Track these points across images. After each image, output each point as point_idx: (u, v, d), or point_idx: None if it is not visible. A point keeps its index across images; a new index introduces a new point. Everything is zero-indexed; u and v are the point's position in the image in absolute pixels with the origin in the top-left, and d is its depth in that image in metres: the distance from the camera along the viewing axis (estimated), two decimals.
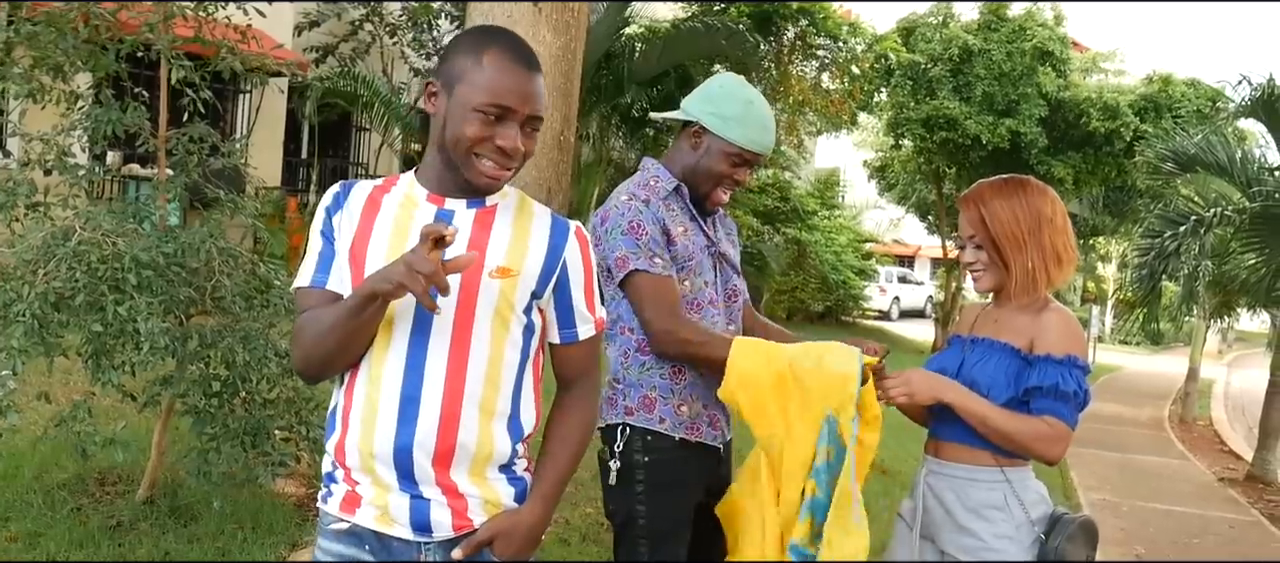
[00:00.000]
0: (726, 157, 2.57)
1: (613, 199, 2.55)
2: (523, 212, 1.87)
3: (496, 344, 1.78)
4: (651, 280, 2.45)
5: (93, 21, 4.08)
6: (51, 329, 3.33)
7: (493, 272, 1.77)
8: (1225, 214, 8.80)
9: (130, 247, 3.49)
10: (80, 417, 3.53)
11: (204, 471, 3.74)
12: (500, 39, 1.78)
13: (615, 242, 2.48)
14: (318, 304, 1.79)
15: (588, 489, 5.45)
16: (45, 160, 3.89)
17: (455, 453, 1.76)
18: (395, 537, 1.78)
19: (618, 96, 14.31)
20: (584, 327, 1.92)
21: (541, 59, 3.22)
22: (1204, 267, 9.70)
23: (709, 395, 2.56)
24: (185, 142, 4.21)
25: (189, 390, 3.74)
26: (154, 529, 3.95)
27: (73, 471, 4.41)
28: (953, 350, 2.60)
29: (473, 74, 1.72)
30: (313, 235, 1.85)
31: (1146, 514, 7.55)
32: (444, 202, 1.81)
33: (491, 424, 1.79)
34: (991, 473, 2.40)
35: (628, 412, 2.54)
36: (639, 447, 2.52)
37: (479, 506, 1.81)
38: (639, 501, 2.53)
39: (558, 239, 1.86)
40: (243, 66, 4.41)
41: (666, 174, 2.61)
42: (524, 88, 1.73)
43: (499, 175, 1.76)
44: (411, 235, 1.75)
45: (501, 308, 1.78)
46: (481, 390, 1.77)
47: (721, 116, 2.56)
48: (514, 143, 1.73)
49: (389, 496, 1.76)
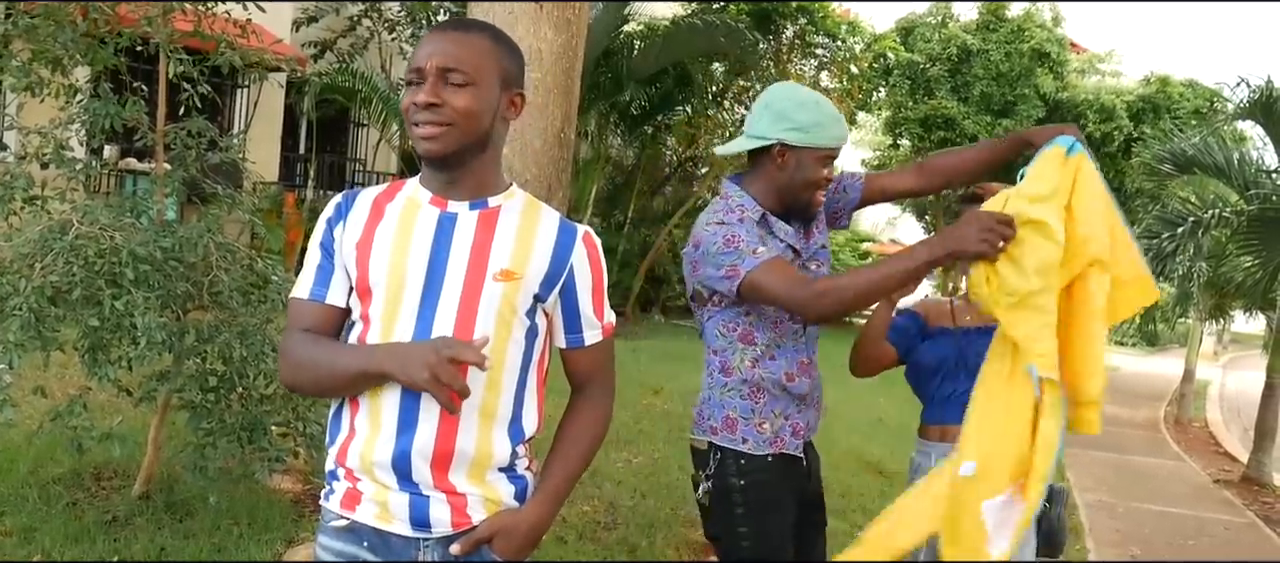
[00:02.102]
0: (819, 161, 2.57)
1: (704, 227, 2.54)
2: (529, 214, 1.85)
3: (499, 347, 1.77)
4: (764, 269, 2.41)
5: (91, 15, 4.07)
6: (48, 324, 3.32)
7: (496, 275, 1.76)
8: (1223, 216, 8.81)
9: (127, 241, 3.48)
10: (76, 411, 3.52)
11: (200, 466, 3.73)
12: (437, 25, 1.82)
13: (717, 261, 2.47)
14: (312, 321, 1.79)
15: (585, 488, 5.45)
16: (43, 154, 3.88)
17: (454, 458, 1.76)
18: (394, 533, 1.77)
19: (617, 94, 14.30)
20: (591, 333, 1.91)
21: (542, 56, 3.23)
22: (1199, 268, 9.72)
23: (789, 406, 2.60)
24: (183, 136, 4.20)
25: (186, 386, 3.73)
26: (150, 525, 3.94)
27: (68, 465, 4.40)
28: (943, 342, 2.85)
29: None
30: (312, 246, 1.84)
31: (1142, 515, 7.57)
32: (447, 204, 1.80)
33: (492, 429, 1.79)
34: None
35: (712, 431, 2.57)
36: (733, 470, 2.54)
37: (479, 503, 1.80)
38: (740, 524, 2.55)
39: (565, 243, 1.84)
40: (241, 62, 4.40)
41: (752, 202, 2.58)
42: (432, 46, 1.75)
43: (431, 134, 1.73)
44: (415, 238, 1.76)
45: (504, 311, 1.77)
46: (482, 395, 1.76)
47: (801, 128, 2.54)
48: (426, 96, 1.72)
49: (389, 493, 1.76)
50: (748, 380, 2.56)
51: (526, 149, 3.11)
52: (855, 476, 6.80)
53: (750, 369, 2.56)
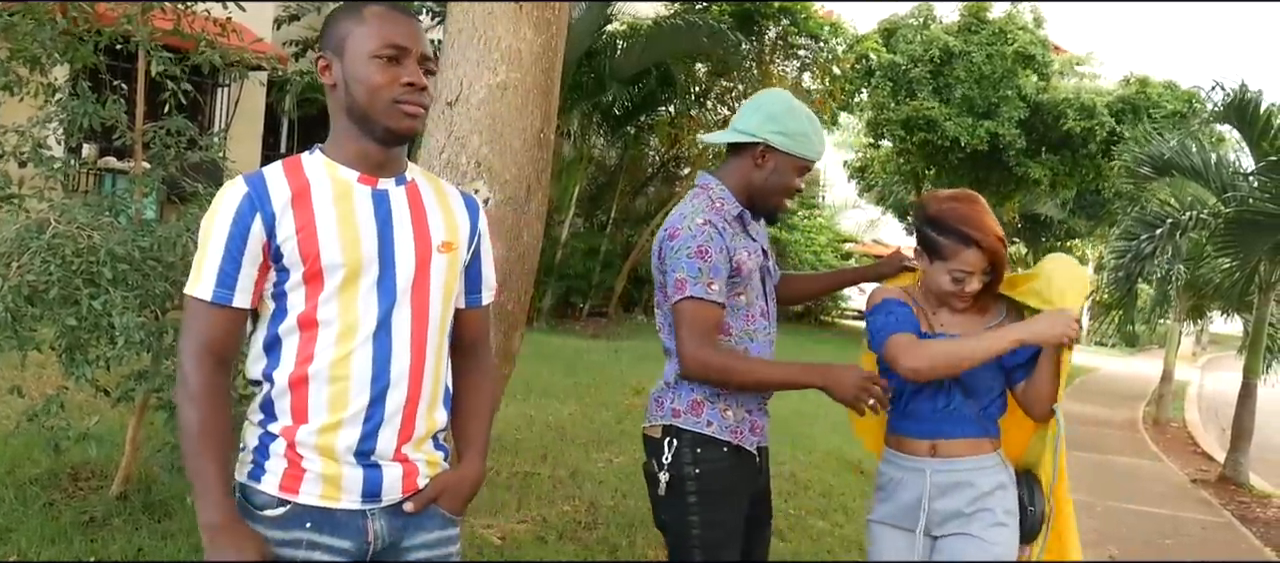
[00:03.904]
0: (797, 170, 2.66)
1: (683, 219, 2.57)
2: (436, 186, 1.94)
3: (444, 320, 1.88)
4: (700, 308, 2.49)
5: (71, 13, 4.05)
6: (25, 323, 3.30)
7: (439, 247, 1.84)
8: (1200, 218, 8.88)
9: (106, 240, 3.46)
10: (53, 411, 3.50)
11: (178, 466, 3.71)
12: (377, 1, 1.82)
13: (680, 262, 2.51)
14: (220, 330, 1.75)
15: (565, 488, 5.46)
16: (20, 152, 3.85)
17: (415, 435, 1.83)
18: (340, 508, 1.78)
19: (599, 94, 14.31)
20: (488, 293, 2.03)
21: (522, 56, 3.22)
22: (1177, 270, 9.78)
23: (752, 401, 2.63)
24: (163, 135, 4.18)
25: (164, 385, 3.71)
26: (127, 525, 3.92)
27: (45, 466, 4.38)
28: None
29: (358, 30, 1.77)
30: (216, 239, 1.73)
31: (1120, 515, 7.62)
32: (377, 182, 1.82)
33: (439, 401, 1.89)
34: (993, 459, 2.58)
35: (675, 414, 2.58)
36: (689, 458, 2.55)
37: (424, 467, 1.87)
38: (692, 511, 2.56)
39: (472, 209, 1.98)
40: (222, 60, 4.39)
41: (731, 197, 2.64)
42: (411, 29, 1.79)
43: (417, 113, 1.79)
44: (360, 221, 1.77)
45: (449, 281, 1.87)
46: (435, 369, 1.85)
47: (789, 134, 2.61)
48: (420, 77, 1.77)
49: (343, 468, 1.77)
50: None
51: (506, 149, 3.10)
52: (837, 475, 6.84)
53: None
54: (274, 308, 1.78)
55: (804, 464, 6.97)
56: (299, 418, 1.77)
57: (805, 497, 6.08)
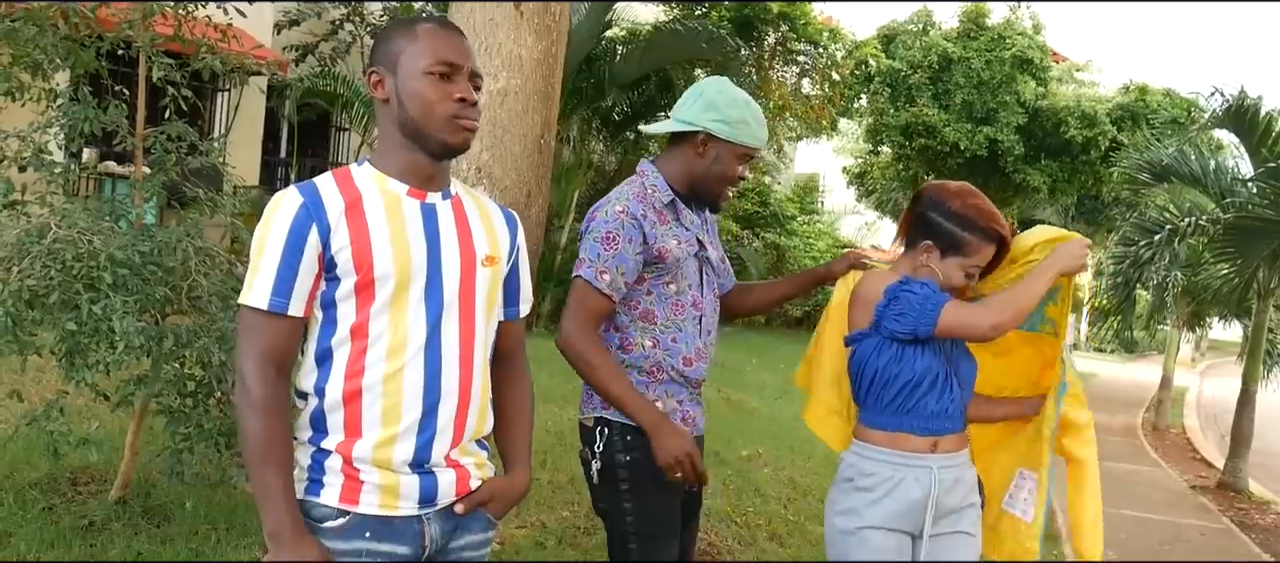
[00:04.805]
0: (737, 158, 2.64)
1: (608, 203, 2.57)
2: (477, 201, 1.98)
3: (488, 332, 1.91)
4: (587, 292, 2.50)
5: (72, 19, 4.06)
6: (25, 327, 3.30)
7: (483, 260, 1.88)
8: (1199, 224, 8.89)
9: (106, 245, 3.46)
10: (53, 416, 3.51)
11: (178, 471, 3.72)
12: (428, 19, 1.88)
13: (587, 243, 2.53)
14: (281, 337, 1.76)
15: (564, 493, 5.46)
16: (21, 157, 3.86)
17: (464, 441, 1.87)
18: (398, 516, 1.81)
19: (599, 99, 14.31)
20: (525, 305, 2.08)
21: (523, 62, 3.24)
22: (1175, 276, 9.78)
23: (683, 392, 2.63)
24: (163, 140, 4.18)
25: (164, 390, 3.71)
26: (127, 530, 3.92)
27: (45, 470, 4.37)
28: (928, 352, 2.65)
29: (412, 47, 1.81)
30: (272, 246, 1.75)
31: (1119, 521, 7.61)
32: (425, 196, 1.85)
33: (487, 410, 1.93)
34: (968, 452, 2.68)
35: (605, 405, 2.57)
36: (619, 446, 2.56)
37: (474, 470, 1.91)
38: (625, 499, 2.58)
39: (512, 225, 2.02)
40: (222, 66, 4.39)
41: (664, 185, 2.63)
42: (462, 46, 1.84)
43: (471, 127, 1.83)
44: (410, 230, 1.80)
45: (492, 295, 1.91)
46: (482, 379, 1.89)
47: (728, 122, 2.60)
48: (471, 93, 1.82)
49: (400, 478, 1.81)
50: (648, 358, 2.59)
51: (506, 154, 3.11)
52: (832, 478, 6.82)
53: (651, 348, 2.59)
54: (323, 319, 1.80)
55: (803, 470, 6.97)
56: (353, 433, 1.78)
57: (804, 502, 6.08)
